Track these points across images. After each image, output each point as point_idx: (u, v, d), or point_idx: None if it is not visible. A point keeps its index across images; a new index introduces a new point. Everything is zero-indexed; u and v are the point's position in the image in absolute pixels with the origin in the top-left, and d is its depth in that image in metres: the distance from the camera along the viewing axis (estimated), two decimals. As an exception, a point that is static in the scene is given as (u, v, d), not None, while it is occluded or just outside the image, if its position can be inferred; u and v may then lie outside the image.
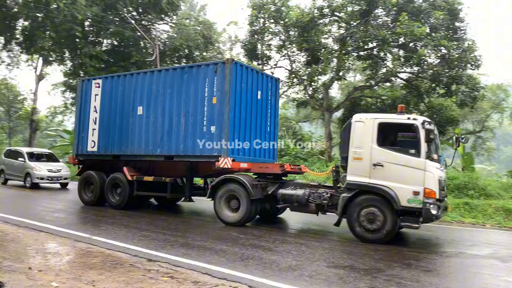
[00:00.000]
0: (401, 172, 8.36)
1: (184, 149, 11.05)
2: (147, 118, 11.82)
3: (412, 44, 20.16)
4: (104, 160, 13.07)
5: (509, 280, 6.22)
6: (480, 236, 10.65)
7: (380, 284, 5.62)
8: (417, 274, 6.20)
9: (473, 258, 7.69)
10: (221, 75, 10.47)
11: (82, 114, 13.51)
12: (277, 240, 8.56)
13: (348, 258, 7.14)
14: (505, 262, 7.41)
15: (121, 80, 12.69)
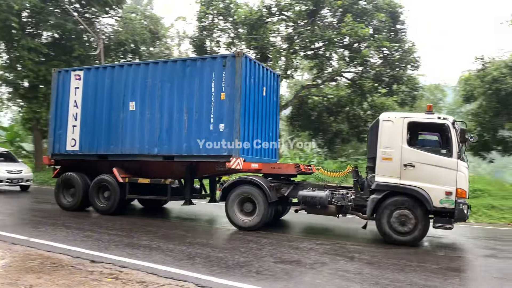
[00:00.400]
0: (434, 172, 8.21)
1: (188, 149, 10.18)
2: (141, 115, 10.80)
3: (356, 45, 20.83)
4: (87, 160, 11.75)
5: (448, 267, 6.60)
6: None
7: (324, 277, 5.78)
8: (360, 267, 6.43)
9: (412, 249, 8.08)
10: (231, 70, 9.80)
11: (58, 109, 12.04)
12: (225, 237, 8.57)
13: (295, 253, 7.27)
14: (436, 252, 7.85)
15: (108, 72, 11.45)
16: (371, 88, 22.35)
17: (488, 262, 7.27)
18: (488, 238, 10.16)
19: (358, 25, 18.71)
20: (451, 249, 8.38)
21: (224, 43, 23.79)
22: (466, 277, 6.19)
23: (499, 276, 6.27)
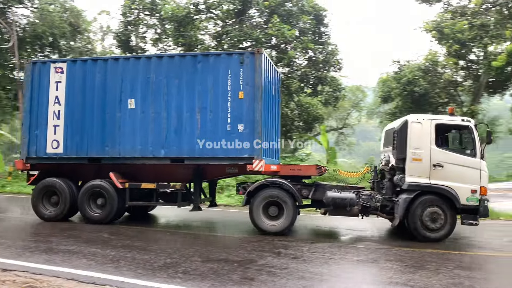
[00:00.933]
0: (460, 172, 8.67)
1: (202, 150, 9.51)
2: (143, 113, 9.84)
3: (283, 46, 21.30)
4: (73, 164, 10.37)
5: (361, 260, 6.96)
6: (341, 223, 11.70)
7: (251, 274, 5.84)
8: (286, 262, 6.59)
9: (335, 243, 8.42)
10: (250, 67, 9.36)
11: (34, 106, 10.46)
12: (151, 239, 8.36)
13: (223, 251, 7.27)
14: (361, 245, 8.27)
15: (99, 65, 10.26)
16: (298, 88, 22.98)
17: (403, 252, 7.78)
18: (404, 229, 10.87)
19: (285, 26, 19.14)
20: (371, 241, 8.85)
21: (150, 39, 23.20)
22: (384, 267, 6.58)
23: (412, 264, 6.74)
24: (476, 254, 7.66)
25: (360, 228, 10.29)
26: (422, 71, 20.58)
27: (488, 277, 5.98)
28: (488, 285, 5.58)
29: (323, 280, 5.67)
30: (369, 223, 11.42)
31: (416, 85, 19.70)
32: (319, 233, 9.88)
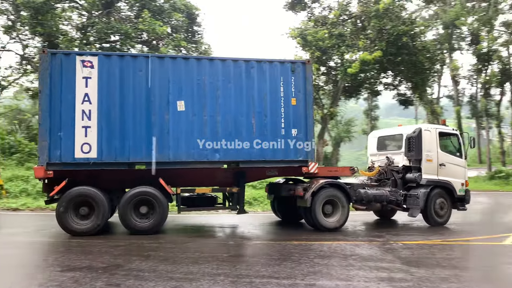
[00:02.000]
0: (455, 169, 11.30)
1: (259, 154, 9.63)
2: (195, 116, 9.38)
3: (155, 42, 20.77)
4: (108, 170, 9.02)
5: (234, 256, 7.11)
6: (214, 221, 11.84)
7: (118, 280, 5.54)
8: (155, 264, 6.39)
9: (209, 240, 8.45)
10: (301, 76, 10.02)
11: (56, 104, 8.78)
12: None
13: (86, 258, 6.77)
14: (232, 242, 8.43)
15: (140, 62, 9.27)
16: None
17: (270, 246, 8.15)
18: (271, 224, 11.41)
19: (156, 22, 18.68)
20: (242, 237, 9.09)
21: (2, 27, 20.64)
22: (252, 261, 6.80)
23: (277, 256, 7.09)
24: (334, 243, 8.37)
25: (231, 224, 10.51)
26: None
27: (342, 263, 6.56)
28: (342, 269, 6.12)
29: (194, 279, 5.63)
30: (239, 219, 11.74)
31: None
32: (191, 232, 9.82)
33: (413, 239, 9.13)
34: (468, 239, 9.12)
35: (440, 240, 8.91)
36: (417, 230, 10.60)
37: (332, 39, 21.16)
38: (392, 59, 21.42)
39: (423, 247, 8.20)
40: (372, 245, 8.23)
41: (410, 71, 22.03)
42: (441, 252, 7.66)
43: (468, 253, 7.64)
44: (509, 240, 8.97)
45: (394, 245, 8.34)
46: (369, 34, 22.35)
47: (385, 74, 23.41)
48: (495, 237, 9.48)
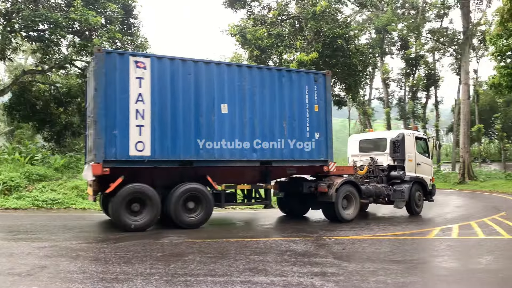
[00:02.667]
0: (426, 168, 13.92)
1: (288, 154, 10.83)
2: (235, 118, 10.25)
3: (88, 33, 19.83)
4: (160, 168, 9.51)
5: (168, 255, 6.96)
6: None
7: (43, 282, 5.21)
8: (85, 265, 6.10)
9: (140, 240, 8.20)
10: (322, 85, 11.38)
11: (110, 103, 9.04)
12: None
13: (8, 261, 6.31)
14: (165, 241, 8.25)
15: (189, 66, 9.86)
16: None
17: (206, 244, 8.07)
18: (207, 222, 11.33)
19: (89, 12, 17.81)
20: (177, 236, 8.92)
21: None
22: (188, 259, 6.70)
23: (213, 254, 7.04)
24: (270, 240, 8.47)
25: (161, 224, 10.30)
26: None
27: (278, 259, 6.65)
28: (277, 265, 6.20)
29: (126, 279, 5.43)
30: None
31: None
32: (124, 232, 9.48)
33: (345, 234, 9.47)
34: (396, 234, 9.62)
35: (370, 235, 9.32)
36: (349, 226, 11.02)
37: (271, 38, 21.42)
38: (328, 61, 22.07)
39: (354, 242, 8.53)
40: (307, 241, 8.43)
41: (344, 73, 22.83)
42: (371, 247, 8.02)
43: (396, 247, 8.05)
44: (433, 234, 9.59)
45: (327, 240, 8.61)
46: (306, 35, 22.89)
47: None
48: (421, 231, 10.09)
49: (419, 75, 40.13)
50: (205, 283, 5.25)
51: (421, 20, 35.45)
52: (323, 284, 5.25)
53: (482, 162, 41.70)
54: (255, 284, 5.22)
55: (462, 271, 6.37)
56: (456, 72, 38.15)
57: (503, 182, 27.82)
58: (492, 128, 43.62)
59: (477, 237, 9.17)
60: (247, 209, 14.44)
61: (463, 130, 30.47)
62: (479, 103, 40.95)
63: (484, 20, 34.12)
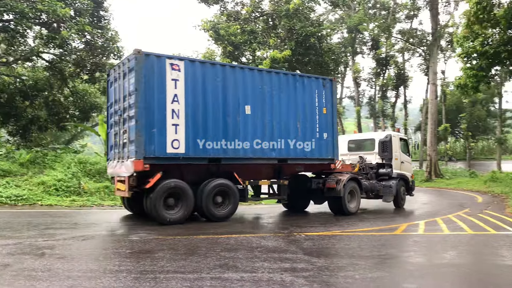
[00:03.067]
0: (408, 165, 15.52)
1: (300, 153, 11.77)
2: (257, 119, 11.08)
3: (56, 25, 19.27)
4: (192, 164, 10.23)
5: (137, 252, 6.87)
6: (117, 216, 11.36)
7: (5, 281, 5.04)
8: (51, 263, 5.94)
9: (108, 237, 8.08)
10: (329, 90, 12.42)
11: (150, 103, 9.57)
12: None
13: (-32, 259, 6.08)
14: (134, 237, 8.14)
15: (217, 69, 10.60)
16: (73, 73, 21.18)
17: (176, 240, 8.01)
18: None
19: (57, 3, 17.31)
20: (147, 233, 8.81)
21: None
22: (157, 256, 6.62)
23: (183, 251, 6.99)
24: (241, 236, 8.48)
25: (132, 220, 10.17)
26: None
27: (248, 256, 6.66)
28: (247, 262, 6.21)
29: (93, 277, 5.32)
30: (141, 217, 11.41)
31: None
32: (92, 228, 9.29)
33: (315, 230, 9.57)
34: (365, 230, 9.80)
35: (339, 231, 9.46)
36: (319, 222, 11.15)
37: (244, 35, 21.38)
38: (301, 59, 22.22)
39: (324, 238, 8.63)
40: (277, 237, 8.47)
41: (316, 71, 23.02)
42: (340, 242, 8.14)
43: (364, 243, 8.19)
44: (400, 230, 9.82)
45: (298, 236, 8.68)
46: (279, 33, 22.96)
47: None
48: (389, 227, 10.31)
49: (389, 75, 40.94)
50: (175, 280, 5.21)
51: (391, 20, 36.14)
52: (293, 279, 5.29)
53: (448, 161, 42.95)
54: (225, 281, 5.21)
55: (428, 266, 6.54)
56: (425, 73, 39.12)
57: (467, 180, 28.73)
58: (458, 127, 45.01)
59: (442, 233, 9.45)
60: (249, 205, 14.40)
61: (431, 129, 31.29)
62: (446, 103, 42.19)
63: (452, 22, 35.15)
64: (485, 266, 6.48)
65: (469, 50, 19.75)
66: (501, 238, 8.81)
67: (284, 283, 5.12)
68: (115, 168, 10.43)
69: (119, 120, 10.29)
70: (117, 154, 10.47)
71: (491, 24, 18.45)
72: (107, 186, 14.46)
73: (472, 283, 5.45)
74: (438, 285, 5.39)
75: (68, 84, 21.88)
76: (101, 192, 14.16)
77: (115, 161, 10.55)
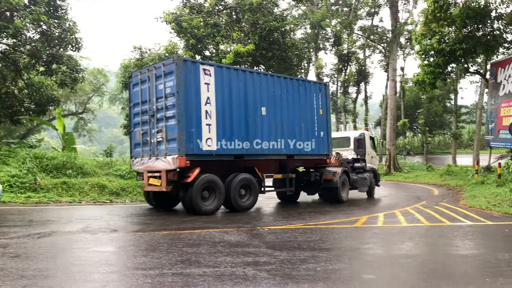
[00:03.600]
0: (375, 160, 17.66)
1: (304, 149, 13.34)
2: (272, 119, 12.46)
3: (9, 13, 18.37)
4: (220, 160, 11.49)
5: (96, 250, 6.69)
6: (76, 213, 11.02)
7: (-47, 283, 4.78)
8: (4, 262, 5.68)
9: (66, 235, 7.82)
10: (324, 93, 14.22)
11: (188, 105, 10.67)
12: None
13: None
14: (94, 234, 7.93)
15: (240, 74, 11.97)
16: (28, 64, 20.29)
17: (138, 237, 7.87)
18: (139, 215, 11.04)
19: (10, -9, 16.50)
20: (106, 229, 8.60)
21: None
22: (118, 253, 6.48)
23: (145, 247, 6.87)
24: (203, 231, 8.42)
25: (91, 216, 9.91)
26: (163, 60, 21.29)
27: (211, 251, 6.63)
28: (210, 256, 6.17)
29: (49, 276, 5.14)
30: (106, 211, 11.14)
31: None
32: (48, 226, 8.97)
33: (278, 224, 9.65)
34: (327, 223, 9.96)
35: (302, 224, 9.57)
36: (282, 215, 11.25)
37: (207, 28, 21.12)
38: (264, 54, 22.21)
39: (286, 231, 8.71)
40: (240, 232, 8.48)
41: (280, 66, 23.09)
42: (302, 236, 8.23)
43: (326, 236, 8.33)
44: (360, 223, 10.04)
45: (261, 230, 8.72)
46: (243, 26, 22.85)
47: (257, 67, 24.18)
48: (350, 219, 10.53)
49: (351, 71, 41.70)
50: (135, 276, 5.10)
51: (353, 17, 36.74)
52: (255, 273, 5.30)
53: (407, 155, 44.30)
54: (187, 276, 5.16)
55: (386, 257, 6.73)
56: (385, 69, 40.09)
57: (425, 173, 29.77)
58: (416, 122, 46.46)
59: (400, 225, 9.74)
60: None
61: (390, 124, 32.16)
62: (405, 99, 43.43)
63: (411, 20, 36.09)
64: (440, 257, 6.73)
65: (427, 47, 20.41)
66: (455, 229, 9.18)
67: (246, 277, 5.12)
68: (147, 164, 11.24)
69: (149, 119, 11.22)
70: (147, 151, 11.31)
71: (447, 23, 19.14)
72: (65, 182, 13.99)
73: (427, 273, 5.64)
74: (396, 276, 5.55)
75: (23, 75, 20.94)
76: (59, 188, 13.66)
77: (145, 158, 11.39)
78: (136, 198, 14.11)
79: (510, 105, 18.15)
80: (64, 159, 15.57)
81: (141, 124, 11.58)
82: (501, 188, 15.00)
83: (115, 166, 17.26)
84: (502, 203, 12.63)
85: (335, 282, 5.06)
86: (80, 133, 44.03)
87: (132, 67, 20.88)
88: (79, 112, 42.33)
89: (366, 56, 42.63)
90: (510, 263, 6.08)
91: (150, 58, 20.94)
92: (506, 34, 20.59)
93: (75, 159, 16.02)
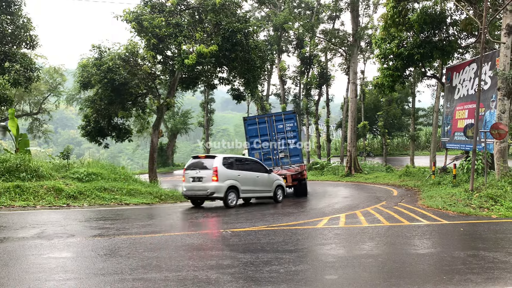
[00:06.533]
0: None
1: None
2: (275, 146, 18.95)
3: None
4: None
5: (52, 256, 6.40)
6: (30, 218, 10.51)
7: None
8: None
9: (19, 241, 7.45)
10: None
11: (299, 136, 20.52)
12: None
13: None
14: (50, 240, 7.59)
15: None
16: (-22, 62, 19.27)
17: (96, 241, 7.59)
18: (98, 219, 10.69)
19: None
20: (63, 234, 8.25)
21: None
22: (76, 258, 6.21)
23: (104, 252, 6.63)
24: (166, 235, 8.23)
25: (47, 221, 9.49)
26: (123, 60, 20.73)
27: (173, 255, 6.48)
28: (172, 261, 6.03)
29: (1, 285, 4.85)
30: (62, 215, 10.73)
31: (117, 74, 19.62)
32: (0, 232, 8.51)
33: (241, 226, 9.58)
34: (289, 224, 9.99)
35: (265, 226, 9.55)
36: (245, 218, 11.19)
37: (169, 27, 20.77)
38: (228, 55, 22.11)
39: (250, 233, 8.66)
40: (204, 235, 8.35)
41: (243, 68, 23.04)
42: (265, 237, 8.21)
43: (289, 237, 8.34)
44: (322, 224, 10.13)
45: (224, 233, 8.62)
46: (206, 27, 22.66)
47: (220, 68, 24.03)
48: (312, 221, 10.60)
49: (313, 74, 42.23)
50: (94, 282, 4.90)
51: (315, 20, 37.25)
52: (218, 276, 5.22)
53: (367, 156, 45.34)
54: (148, 281, 5.01)
55: (348, 257, 6.81)
56: (346, 72, 40.87)
57: (384, 174, 30.54)
58: (375, 125, 47.66)
59: (361, 225, 9.91)
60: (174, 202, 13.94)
61: (351, 126, 32.79)
62: (365, 102, 44.45)
63: (371, 24, 37.01)
64: (400, 256, 6.88)
65: (386, 51, 20.95)
66: (413, 229, 9.43)
67: (209, 281, 5.03)
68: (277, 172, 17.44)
69: (272, 146, 18.40)
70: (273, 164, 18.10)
71: (406, 28, 19.71)
72: (18, 185, 13.34)
73: (387, 272, 5.74)
74: (357, 276, 5.61)
75: (-27, 74, 19.88)
76: (12, 192, 13.01)
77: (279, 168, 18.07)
78: (95, 202, 13.67)
79: (464, 108, 18.91)
80: (17, 161, 14.85)
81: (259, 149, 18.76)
82: (456, 188, 15.56)
83: (72, 169, 16.65)
84: (457, 202, 13.11)
85: (298, 283, 5.06)
86: (35, 135, 42.35)
87: (91, 67, 20.25)
88: (34, 113, 40.70)
89: (327, 59, 43.29)
90: (465, 261, 6.29)
91: (110, 57, 20.38)
92: (461, 40, 21.46)
93: (29, 162, 15.31)
